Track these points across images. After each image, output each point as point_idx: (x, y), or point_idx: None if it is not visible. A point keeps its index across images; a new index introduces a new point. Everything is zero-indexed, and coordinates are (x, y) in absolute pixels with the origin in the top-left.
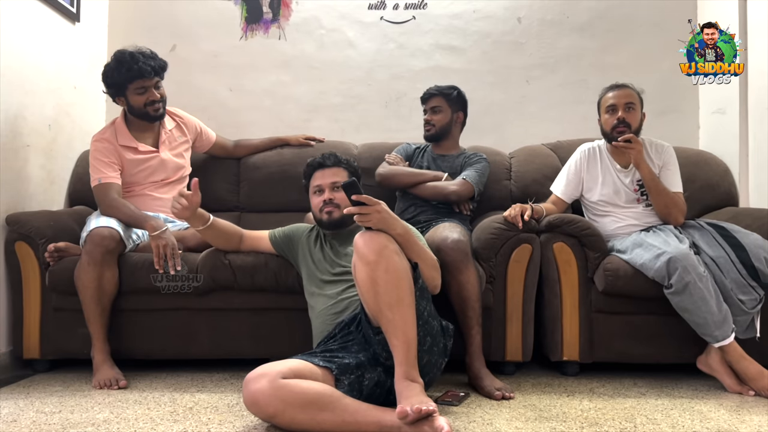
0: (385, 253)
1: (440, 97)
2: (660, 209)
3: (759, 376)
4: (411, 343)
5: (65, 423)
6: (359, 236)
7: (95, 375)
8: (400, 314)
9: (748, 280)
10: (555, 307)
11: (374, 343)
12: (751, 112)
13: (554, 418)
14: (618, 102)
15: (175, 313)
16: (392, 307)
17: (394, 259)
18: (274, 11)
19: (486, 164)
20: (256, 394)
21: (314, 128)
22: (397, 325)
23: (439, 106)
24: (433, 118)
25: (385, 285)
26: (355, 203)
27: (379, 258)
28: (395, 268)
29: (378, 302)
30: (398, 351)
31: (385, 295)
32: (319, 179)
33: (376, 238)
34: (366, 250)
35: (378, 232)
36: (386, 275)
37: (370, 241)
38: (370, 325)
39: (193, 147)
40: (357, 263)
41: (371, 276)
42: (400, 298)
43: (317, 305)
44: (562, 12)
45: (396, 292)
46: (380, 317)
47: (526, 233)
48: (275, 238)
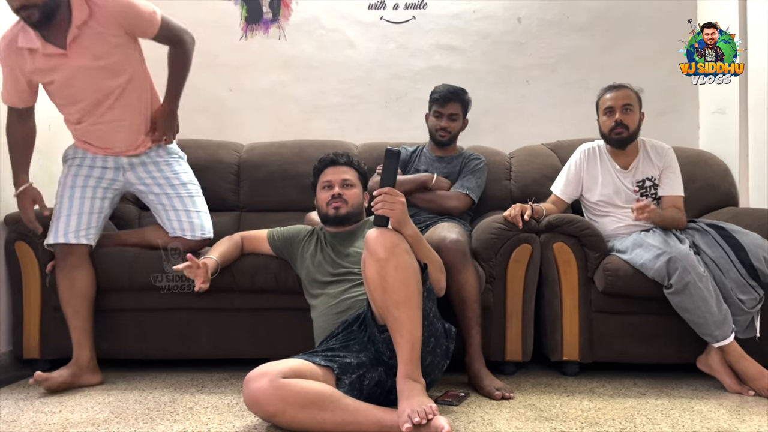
0: (396, 251)
1: (458, 104)
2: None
3: (759, 376)
4: (416, 343)
5: (65, 423)
6: (371, 233)
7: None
8: (407, 313)
9: (747, 279)
10: (555, 307)
11: (378, 342)
12: (751, 112)
13: (554, 418)
14: (615, 104)
15: (175, 313)
16: (400, 305)
17: (405, 258)
18: (274, 11)
19: (485, 168)
20: (257, 393)
21: (314, 128)
22: (403, 324)
23: (456, 114)
24: (450, 125)
25: (394, 283)
26: (384, 183)
27: (390, 255)
28: (405, 267)
29: (386, 299)
30: (403, 349)
31: (394, 293)
32: (330, 175)
33: (388, 235)
34: (377, 246)
35: (390, 231)
36: (396, 273)
37: (382, 238)
38: (376, 323)
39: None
40: (367, 259)
41: (381, 273)
42: (408, 296)
43: (319, 305)
44: (562, 12)
45: (404, 291)
46: (387, 315)
47: (526, 233)
48: (274, 240)
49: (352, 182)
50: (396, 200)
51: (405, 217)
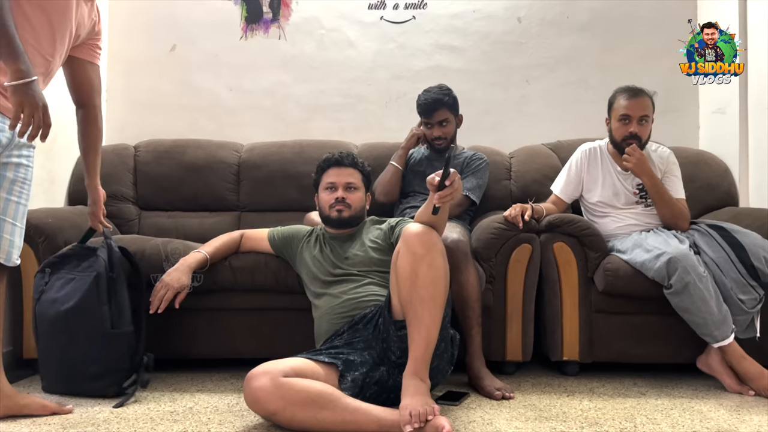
0: (432, 250)
1: (445, 109)
2: (666, 219)
3: (759, 376)
4: (431, 343)
5: (65, 423)
6: (411, 227)
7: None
8: (429, 311)
9: (747, 279)
10: (555, 307)
11: (391, 340)
12: (751, 112)
13: (554, 418)
14: (633, 114)
15: (175, 313)
16: (425, 302)
17: (439, 259)
18: (274, 11)
19: (486, 167)
20: (258, 392)
21: (314, 128)
22: (423, 321)
23: (446, 119)
24: (443, 131)
25: (425, 279)
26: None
27: (427, 253)
28: (438, 267)
29: (412, 294)
30: (417, 346)
31: (422, 289)
32: (334, 177)
33: (428, 233)
34: (417, 241)
35: (430, 229)
36: (429, 270)
37: (423, 234)
38: (392, 320)
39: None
40: (403, 252)
41: (414, 267)
42: (434, 296)
43: (322, 305)
44: (562, 12)
45: (432, 289)
46: (409, 309)
47: (526, 233)
48: (274, 239)
49: (356, 185)
50: (452, 190)
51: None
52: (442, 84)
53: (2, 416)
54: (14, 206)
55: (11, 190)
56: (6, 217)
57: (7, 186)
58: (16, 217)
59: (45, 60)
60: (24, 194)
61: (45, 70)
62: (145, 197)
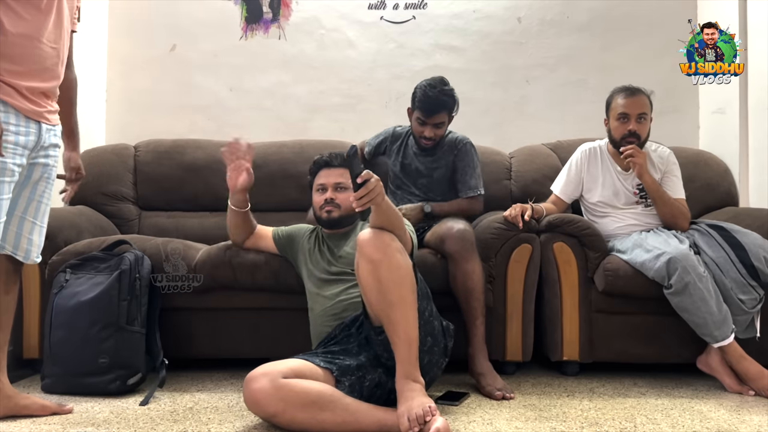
0: (388, 252)
1: (445, 113)
2: (666, 219)
3: (759, 376)
4: (412, 342)
5: (65, 423)
6: (363, 234)
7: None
8: (401, 313)
9: (747, 279)
10: (555, 306)
11: (375, 344)
12: (751, 112)
13: (554, 418)
14: (631, 112)
15: (175, 313)
16: (394, 305)
17: (397, 258)
18: (274, 11)
19: (474, 150)
20: (257, 394)
21: (314, 128)
22: (398, 324)
23: (443, 122)
24: (436, 133)
25: (388, 283)
26: (357, 186)
27: (383, 256)
28: (398, 267)
29: (380, 301)
30: (400, 350)
31: (388, 294)
32: (324, 178)
33: (380, 236)
34: (370, 248)
35: (381, 231)
36: (389, 273)
37: (374, 239)
38: (372, 325)
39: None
40: (360, 261)
41: (374, 274)
42: (403, 296)
43: (316, 307)
44: (562, 12)
45: (398, 291)
46: (382, 316)
47: (526, 233)
48: (279, 238)
49: (346, 185)
50: (371, 186)
51: (383, 196)
52: (444, 79)
53: (2, 416)
54: (36, 205)
55: (35, 189)
56: (28, 216)
57: (31, 186)
58: (37, 216)
59: (53, 49)
60: (47, 194)
61: (58, 59)
62: (145, 197)
